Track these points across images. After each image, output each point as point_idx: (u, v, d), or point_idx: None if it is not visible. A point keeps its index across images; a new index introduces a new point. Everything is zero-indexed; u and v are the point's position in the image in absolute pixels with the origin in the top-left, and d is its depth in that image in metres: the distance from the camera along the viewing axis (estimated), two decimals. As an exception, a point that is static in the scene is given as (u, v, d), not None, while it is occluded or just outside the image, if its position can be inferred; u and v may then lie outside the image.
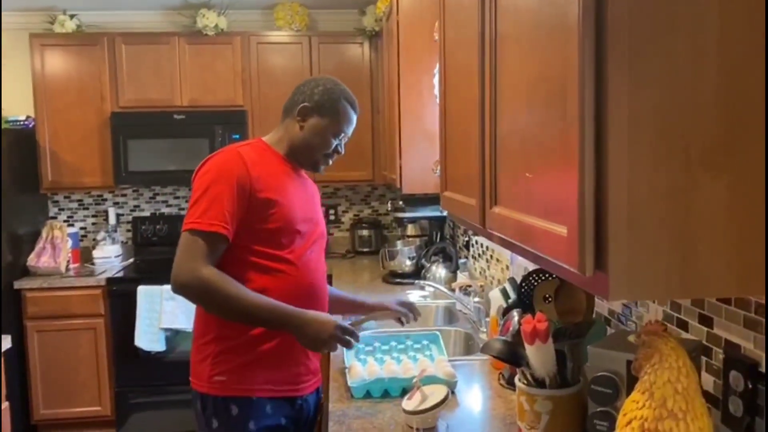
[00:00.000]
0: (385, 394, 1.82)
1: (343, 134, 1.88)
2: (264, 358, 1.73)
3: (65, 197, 4.42)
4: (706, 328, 1.22)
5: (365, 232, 4.49)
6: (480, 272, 3.12)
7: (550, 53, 0.93)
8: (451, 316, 2.89)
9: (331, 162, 1.91)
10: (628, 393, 1.00)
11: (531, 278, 1.65)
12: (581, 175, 0.82)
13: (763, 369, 1.07)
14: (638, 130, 0.80)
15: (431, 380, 1.78)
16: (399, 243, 3.73)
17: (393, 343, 2.18)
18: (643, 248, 0.81)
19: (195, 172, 1.75)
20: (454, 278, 3.21)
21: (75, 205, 4.45)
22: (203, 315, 1.78)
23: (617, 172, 0.80)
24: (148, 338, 3.72)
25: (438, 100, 2.06)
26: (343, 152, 1.91)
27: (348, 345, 1.71)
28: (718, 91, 0.81)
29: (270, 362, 1.75)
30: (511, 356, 1.44)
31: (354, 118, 1.90)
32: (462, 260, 3.35)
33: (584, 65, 0.81)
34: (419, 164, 3.17)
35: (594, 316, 1.58)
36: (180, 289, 1.66)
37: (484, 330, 2.40)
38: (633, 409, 0.92)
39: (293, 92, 1.89)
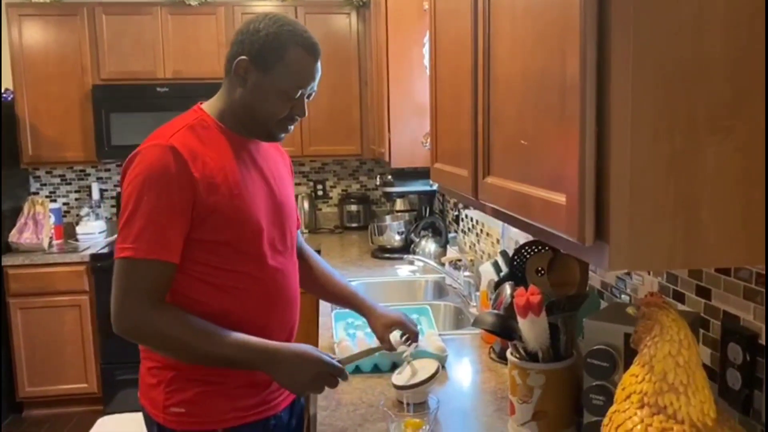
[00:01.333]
0: (375, 369, 1.79)
1: (299, 91, 1.42)
2: (226, 383, 1.43)
3: (47, 172, 4.33)
4: (703, 300, 1.20)
5: (353, 207, 4.45)
6: (470, 246, 3.10)
7: (549, 15, 0.89)
8: (440, 290, 2.87)
9: (291, 128, 1.49)
10: (626, 367, 0.97)
11: (523, 251, 1.61)
12: (582, 140, 0.78)
13: (762, 341, 1.05)
14: (642, 91, 0.76)
15: (421, 354, 1.76)
16: (388, 218, 3.70)
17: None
18: (645, 216, 0.77)
19: (122, 171, 1.39)
20: (444, 253, 3.19)
21: (57, 180, 4.37)
22: None
23: (620, 136, 0.76)
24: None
25: (428, 71, 2.00)
26: (305, 114, 1.47)
27: (333, 386, 1.41)
28: (725, 50, 0.77)
29: (234, 387, 1.44)
30: (504, 329, 1.41)
31: (314, 67, 1.43)
32: (451, 234, 3.33)
33: (585, 25, 0.77)
34: (408, 137, 3.12)
35: (587, 288, 1.55)
36: (123, 336, 1.34)
37: (474, 304, 2.38)
38: (632, 383, 0.89)
39: (231, 41, 1.45)
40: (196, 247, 1.37)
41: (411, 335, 1.67)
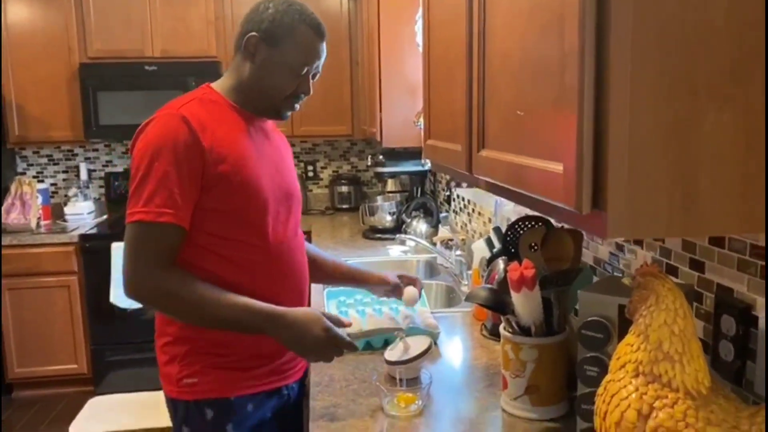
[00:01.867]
0: (368, 346, 1.79)
1: (305, 68, 1.46)
2: (240, 354, 1.47)
3: (34, 152, 4.28)
4: (697, 273, 1.20)
5: (344, 189, 4.44)
6: (461, 226, 3.09)
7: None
8: (432, 270, 2.87)
9: (297, 106, 1.52)
10: (620, 338, 0.97)
11: (517, 226, 1.61)
12: (580, 107, 0.78)
13: (755, 312, 1.05)
14: (642, 58, 0.75)
15: (414, 331, 1.76)
16: (379, 198, 3.69)
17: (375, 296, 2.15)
18: (643, 183, 0.77)
19: (133, 140, 1.42)
20: (435, 233, 3.19)
21: (44, 160, 4.32)
22: (159, 314, 1.52)
23: (619, 103, 0.75)
24: (124, 295, 3.64)
25: (420, 49, 1.98)
26: (310, 92, 1.51)
27: (338, 354, 1.41)
28: (727, 14, 0.76)
29: (248, 358, 1.48)
30: (497, 304, 1.41)
31: (320, 46, 1.48)
32: (443, 214, 3.32)
33: (584, -11, 0.75)
34: (400, 117, 3.11)
35: (581, 264, 1.55)
36: (136, 299, 1.39)
37: (466, 283, 2.38)
38: (627, 352, 0.89)
39: (241, 21, 1.50)
40: (204, 216, 1.40)
41: (414, 281, 1.79)
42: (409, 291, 1.74)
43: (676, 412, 0.83)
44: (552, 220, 1.60)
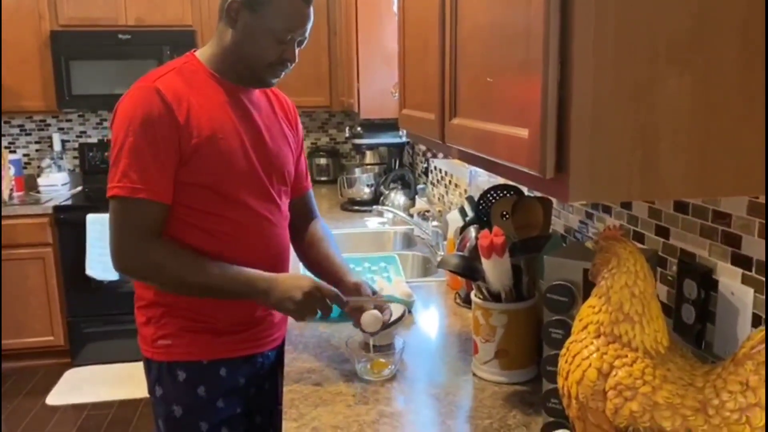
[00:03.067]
0: (342, 316, 1.80)
1: (289, 35, 1.41)
2: (215, 319, 1.48)
3: (5, 122, 4.20)
4: (662, 239, 1.22)
5: (323, 161, 4.43)
6: (438, 198, 3.11)
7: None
8: (409, 241, 2.89)
9: (282, 74, 1.48)
10: (584, 301, 0.99)
11: (489, 195, 1.63)
12: (545, 72, 0.78)
13: (716, 276, 1.08)
14: (605, 23, 0.76)
15: (388, 299, 1.77)
16: (357, 170, 3.69)
17: (351, 266, 2.16)
18: (605, 147, 0.78)
19: (112, 113, 1.41)
20: (413, 204, 3.20)
21: (16, 130, 4.24)
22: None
23: (582, 68, 0.76)
24: (99, 267, 3.64)
25: (397, 16, 1.97)
26: (296, 59, 1.46)
27: (326, 311, 1.43)
28: (688, -21, 0.77)
29: (223, 323, 1.49)
30: (468, 271, 1.43)
31: (305, 11, 1.42)
32: (420, 186, 3.34)
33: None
34: (378, 88, 3.09)
35: (551, 231, 1.58)
36: (123, 273, 1.41)
37: (442, 253, 2.40)
38: (589, 314, 0.91)
39: None
40: (182, 189, 1.40)
41: (382, 307, 1.51)
42: (369, 316, 1.47)
43: (634, 370, 0.85)
44: (524, 190, 1.62)
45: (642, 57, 0.77)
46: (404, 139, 3.50)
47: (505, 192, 1.58)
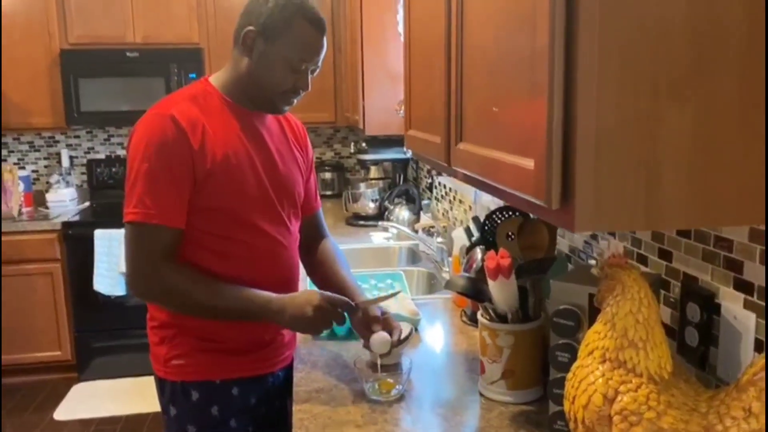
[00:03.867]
0: (351, 333, 1.83)
1: (303, 64, 1.45)
2: (227, 339, 1.51)
3: (14, 139, 4.25)
4: (665, 262, 1.24)
5: (328, 175, 4.46)
6: (443, 213, 3.13)
7: (519, -20, 0.90)
8: (414, 256, 2.91)
9: (295, 101, 1.52)
10: (590, 325, 1.02)
11: (494, 216, 1.65)
12: (550, 105, 0.81)
13: (718, 300, 1.10)
14: (608, 58, 0.79)
15: (395, 318, 1.79)
16: (362, 185, 3.71)
17: (360, 285, 2.18)
18: (609, 179, 0.80)
19: (128, 139, 1.45)
20: (417, 220, 3.22)
21: (26, 147, 4.29)
22: None
23: (586, 101, 0.79)
24: (107, 282, 3.67)
25: (402, 37, 2.00)
26: (309, 88, 1.49)
27: (340, 321, 1.45)
28: (687, 18, 0.79)
29: (235, 343, 1.52)
30: (475, 292, 1.45)
31: (319, 41, 1.46)
32: (425, 202, 3.36)
33: (555, -9, 0.78)
34: (382, 105, 3.13)
35: (556, 252, 1.60)
36: (139, 297, 1.46)
37: (447, 269, 2.42)
38: (595, 339, 0.94)
39: (240, 13, 1.49)
40: (196, 213, 1.43)
41: (392, 328, 1.53)
42: (378, 338, 1.48)
43: (639, 396, 0.87)
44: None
45: (644, 92, 0.80)
46: (409, 155, 3.53)
47: (510, 213, 1.61)
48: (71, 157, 4.30)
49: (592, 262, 1.54)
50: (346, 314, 1.49)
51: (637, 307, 0.91)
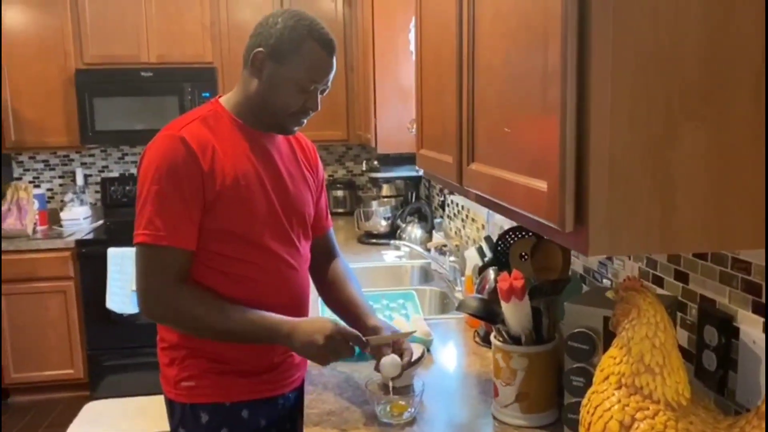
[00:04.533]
0: (362, 354, 1.81)
1: (313, 85, 1.44)
2: (238, 361, 1.50)
3: (30, 157, 4.30)
4: (681, 284, 1.22)
5: (340, 193, 4.46)
6: (455, 232, 3.12)
7: (531, 3, 0.90)
8: (426, 275, 2.90)
9: (304, 122, 1.51)
10: (605, 349, 1.00)
11: (507, 236, 1.64)
12: (562, 127, 0.80)
13: (737, 323, 1.08)
14: (621, 79, 0.78)
15: (406, 336, 1.77)
16: (374, 203, 3.71)
17: (372, 306, 2.17)
18: (623, 202, 0.79)
19: (139, 161, 1.45)
20: (430, 238, 3.21)
21: (41, 165, 4.33)
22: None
23: (599, 123, 0.78)
24: (119, 300, 3.68)
25: (414, 57, 2.01)
26: (318, 108, 1.48)
27: (348, 353, 1.41)
28: (701, 39, 0.78)
29: (245, 365, 1.51)
30: (488, 314, 1.43)
31: (328, 62, 1.46)
32: (437, 220, 3.35)
33: (567, 13, 0.78)
34: (394, 123, 3.13)
35: (570, 273, 1.58)
36: (150, 318, 1.44)
37: (460, 289, 2.40)
38: (610, 364, 0.92)
39: (250, 34, 1.48)
40: (206, 235, 1.42)
41: (402, 350, 1.51)
42: (389, 360, 1.46)
43: (656, 423, 0.85)
44: (542, 230, 1.62)
45: (659, 112, 0.79)
46: (421, 173, 3.53)
47: (523, 233, 1.59)
48: (85, 176, 4.33)
49: (607, 282, 1.52)
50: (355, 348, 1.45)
51: (653, 331, 0.89)
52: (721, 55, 0.79)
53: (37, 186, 4.27)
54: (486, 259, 1.83)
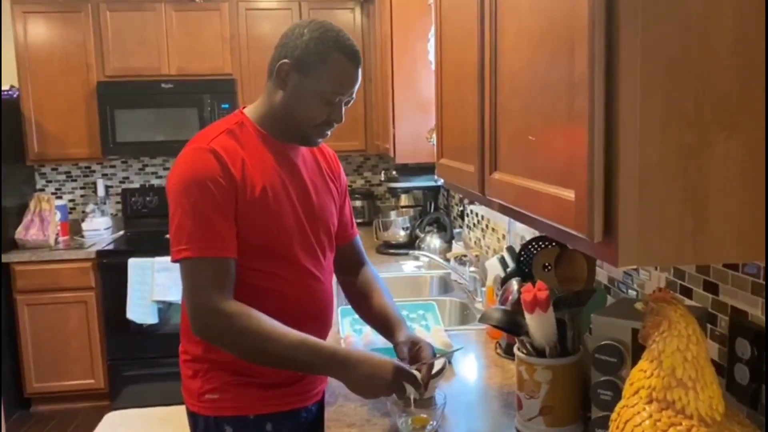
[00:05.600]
0: (386, 353, 1.79)
1: (338, 97, 1.42)
2: (262, 374, 1.46)
3: (52, 169, 4.35)
4: (711, 295, 1.19)
5: (358, 203, 4.45)
6: (475, 242, 3.09)
7: (556, 9, 0.88)
8: (446, 286, 2.88)
9: (328, 133, 1.49)
10: (634, 362, 0.97)
11: (530, 246, 1.61)
12: (590, 135, 0.78)
13: (770, 336, 1.05)
14: (650, 86, 0.76)
15: (441, 353, 1.75)
16: (393, 213, 3.70)
17: (403, 316, 2.15)
18: (653, 211, 0.77)
19: (169, 178, 1.41)
20: (449, 248, 3.19)
21: (63, 177, 4.38)
22: (186, 331, 1.49)
23: (628, 131, 0.76)
24: (140, 311, 3.70)
25: (433, 66, 2.00)
26: (342, 120, 1.47)
27: (404, 395, 1.36)
28: (734, 45, 0.76)
29: (270, 378, 1.48)
30: (511, 325, 1.41)
31: (354, 74, 1.43)
32: (457, 230, 3.33)
33: (594, 19, 0.76)
34: (413, 133, 3.12)
35: (594, 284, 1.55)
36: (204, 338, 1.39)
37: (480, 300, 2.38)
38: (641, 378, 0.89)
39: (276, 44, 1.47)
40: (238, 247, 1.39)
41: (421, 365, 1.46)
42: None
43: (690, 439, 0.83)
44: (565, 240, 1.60)
45: (689, 120, 0.77)
46: (440, 183, 3.51)
47: (546, 243, 1.57)
48: (106, 187, 4.37)
49: (632, 293, 1.49)
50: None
51: (685, 344, 0.86)
52: (754, 61, 0.77)
53: (59, 197, 4.32)
54: (508, 269, 1.81)
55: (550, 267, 1.47)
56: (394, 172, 3.60)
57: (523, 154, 1.06)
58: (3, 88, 3.97)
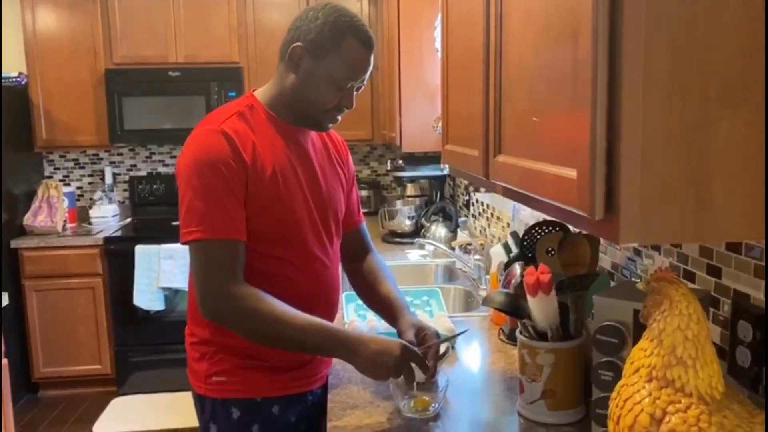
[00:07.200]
0: (388, 334, 1.80)
1: (350, 82, 1.41)
2: (269, 357, 1.47)
3: (60, 156, 4.37)
4: (714, 279, 1.20)
5: (364, 193, 4.46)
6: (480, 231, 3.10)
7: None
8: (450, 274, 2.88)
9: (339, 118, 1.47)
10: (635, 343, 0.98)
11: (534, 231, 1.62)
12: (593, 113, 0.79)
13: (772, 318, 1.05)
14: (654, 64, 0.76)
15: (445, 339, 1.76)
16: (398, 203, 3.70)
17: (407, 302, 2.15)
18: (656, 189, 0.77)
19: (179, 160, 1.40)
20: (454, 237, 3.19)
21: (71, 164, 4.40)
22: (193, 313, 1.49)
23: (631, 109, 0.76)
24: (146, 297, 3.72)
25: (439, 53, 2.00)
26: (353, 106, 1.45)
27: (412, 378, 1.37)
28: (738, 22, 0.76)
29: (277, 361, 1.48)
30: (513, 308, 1.42)
31: (367, 59, 1.42)
32: (462, 219, 3.33)
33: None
34: (419, 122, 3.12)
35: (598, 269, 1.55)
36: (214, 320, 1.38)
37: (484, 287, 2.39)
38: (641, 357, 0.90)
39: (289, 27, 1.44)
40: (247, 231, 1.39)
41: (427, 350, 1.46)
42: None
43: (689, 417, 0.83)
44: (569, 226, 1.60)
45: (693, 98, 0.77)
46: (445, 172, 3.51)
47: (550, 228, 1.57)
48: (114, 174, 4.39)
49: (635, 279, 1.49)
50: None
51: (685, 323, 0.87)
52: (759, 39, 0.77)
53: (67, 184, 4.34)
54: (512, 254, 1.81)
55: (553, 251, 1.47)
56: (400, 162, 3.60)
57: (527, 136, 1.07)
58: (11, 75, 3.99)
